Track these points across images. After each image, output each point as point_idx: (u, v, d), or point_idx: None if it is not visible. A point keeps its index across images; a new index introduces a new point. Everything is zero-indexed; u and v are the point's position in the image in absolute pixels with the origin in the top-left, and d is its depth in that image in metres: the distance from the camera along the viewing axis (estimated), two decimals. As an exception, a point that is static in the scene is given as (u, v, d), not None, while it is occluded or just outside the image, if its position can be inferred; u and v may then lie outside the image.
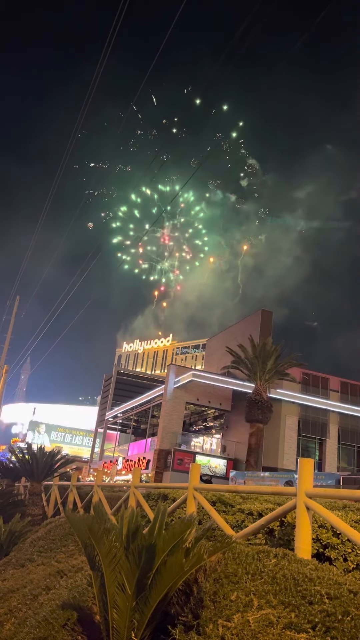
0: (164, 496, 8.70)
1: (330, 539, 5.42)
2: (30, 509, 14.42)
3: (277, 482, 22.13)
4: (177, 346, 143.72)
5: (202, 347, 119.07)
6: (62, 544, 8.51)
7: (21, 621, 4.83)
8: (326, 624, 2.97)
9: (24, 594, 5.78)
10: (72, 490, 13.88)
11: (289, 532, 5.83)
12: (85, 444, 75.87)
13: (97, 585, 3.96)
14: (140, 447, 37.89)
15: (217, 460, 32.79)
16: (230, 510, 7.17)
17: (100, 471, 14.43)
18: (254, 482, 22.83)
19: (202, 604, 3.54)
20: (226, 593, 3.49)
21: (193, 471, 7.34)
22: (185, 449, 32.83)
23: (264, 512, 6.40)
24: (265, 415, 29.14)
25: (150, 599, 3.63)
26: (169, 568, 3.60)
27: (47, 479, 15.78)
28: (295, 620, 3.03)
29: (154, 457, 32.23)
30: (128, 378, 48.87)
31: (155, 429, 36.49)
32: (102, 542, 3.81)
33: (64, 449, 45.73)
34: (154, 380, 48.24)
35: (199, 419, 40.03)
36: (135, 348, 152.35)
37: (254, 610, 3.19)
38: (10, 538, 10.62)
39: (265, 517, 5.68)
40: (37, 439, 71.63)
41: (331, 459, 33.30)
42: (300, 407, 33.41)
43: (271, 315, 37.39)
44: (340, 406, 34.30)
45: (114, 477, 35.18)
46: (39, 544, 9.04)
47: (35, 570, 7.00)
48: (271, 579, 3.54)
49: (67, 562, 6.85)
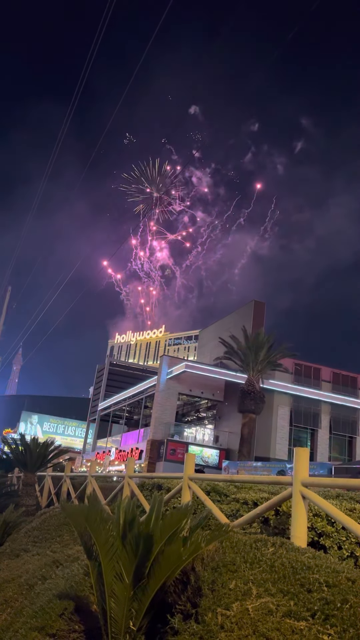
0: (159, 486, 8.70)
1: (325, 527, 5.44)
2: (24, 500, 14.40)
3: (269, 471, 22.30)
4: (170, 337, 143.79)
5: (194, 339, 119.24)
6: (57, 534, 8.51)
7: (17, 611, 4.82)
8: (325, 611, 2.97)
9: (20, 583, 5.76)
10: (66, 480, 13.87)
11: (284, 521, 5.86)
12: (77, 434, 75.84)
13: (94, 574, 3.94)
14: (133, 437, 37.97)
15: (210, 451, 32.95)
16: (225, 500, 7.18)
17: (94, 462, 14.43)
18: (246, 471, 22.96)
19: (201, 592, 3.54)
20: (224, 582, 3.49)
21: (188, 461, 7.34)
22: (178, 440, 32.95)
23: (259, 501, 6.41)
24: (257, 406, 29.28)
25: (148, 588, 3.62)
26: (166, 557, 3.59)
27: (41, 470, 15.76)
28: (294, 608, 3.03)
29: (147, 448, 32.32)
30: (121, 369, 48.85)
31: (148, 419, 36.56)
32: (99, 531, 3.79)
33: (56, 440, 45.73)
34: (146, 371, 48.25)
35: (192, 409, 40.14)
36: (128, 339, 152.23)
37: (253, 598, 3.19)
38: (5, 529, 10.59)
39: (262, 506, 5.69)
40: (29, 430, 71.52)
41: (323, 448, 33.57)
42: (292, 397, 33.59)
43: (264, 306, 37.43)
44: (332, 396, 34.53)
45: (107, 468, 35.25)
46: (33, 534, 9.03)
47: (31, 560, 6.98)
48: (269, 568, 3.54)
49: (63, 552, 6.84)
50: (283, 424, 32.90)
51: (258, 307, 36.75)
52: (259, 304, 37.11)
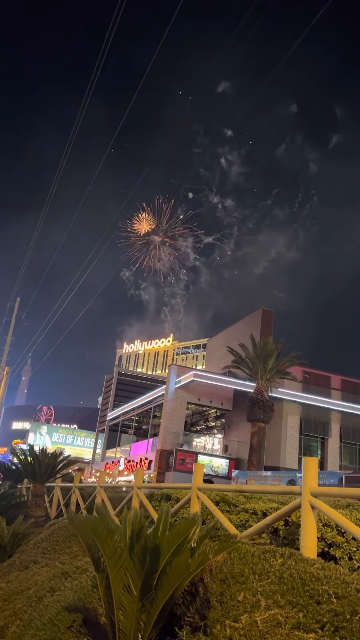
0: (167, 496, 8.67)
1: (335, 538, 5.39)
2: (33, 511, 14.39)
3: (280, 481, 22.09)
4: (178, 346, 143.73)
5: (202, 347, 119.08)
6: (65, 546, 8.48)
7: (26, 623, 4.81)
8: (334, 623, 2.94)
9: (29, 595, 5.75)
10: (75, 491, 13.84)
11: (294, 531, 5.80)
12: (87, 445, 75.80)
13: (102, 586, 3.93)
14: (142, 447, 37.86)
15: (219, 460, 32.75)
16: (234, 510, 7.14)
17: (103, 472, 14.40)
18: (256, 481, 22.79)
19: (209, 604, 3.52)
20: (233, 593, 3.46)
21: (196, 471, 7.31)
22: (187, 449, 32.80)
23: (268, 511, 6.37)
24: (266, 415, 29.10)
25: (156, 600, 3.60)
26: (174, 568, 3.57)
27: (50, 481, 15.75)
28: (303, 620, 3.01)
29: (156, 458, 32.19)
30: (129, 379, 48.84)
31: (157, 429, 36.46)
32: (107, 543, 3.78)
33: (65, 450, 45.69)
34: (155, 381, 48.21)
35: (201, 418, 39.98)
36: (136, 349, 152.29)
37: (261, 610, 3.17)
38: (14, 540, 10.59)
39: (270, 517, 5.65)
40: (38, 440, 71.57)
41: (333, 457, 33.25)
42: (301, 406, 33.35)
43: (272, 314, 37.34)
44: (342, 404, 34.25)
45: (116, 478, 35.14)
46: (42, 546, 9.01)
47: (40, 572, 6.97)
48: (278, 579, 3.51)
49: (72, 563, 6.82)
50: (293, 432, 32.66)
51: (266, 315, 36.67)
52: (266, 312, 37.02)
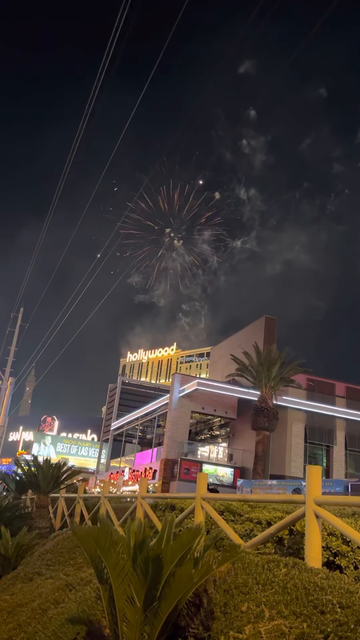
0: (172, 506, 8.64)
1: (340, 547, 5.36)
2: (38, 522, 14.33)
3: (285, 489, 21.97)
4: (182, 355, 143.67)
5: (206, 356, 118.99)
6: (70, 557, 8.45)
7: (30, 636, 4.79)
8: (339, 633, 2.93)
9: (33, 608, 5.72)
10: (79, 502, 13.80)
11: (299, 540, 5.77)
12: (91, 455, 75.60)
13: (105, 598, 3.92)
14: (147, 457, 37.74)
15: (224, 469, 32.60)
16: (239, 520, 7.10)
17: (107, 482, 14.35)
18: (261, 490, 22.67)
19: (213, 615, 3.50)
20: (237, 604, 3.45)
21: (200, 480, 7.29)
22: (192, 458, 32.67)
23: (273, 520, 6.33)
24: (271, 423, 29.00)
25: (160, 611, 3.58)
26: (177, 579, 3.56)
27: (54, 491, 15.70)
28: (307, 630, 2.99)
29: (161, 467, 32.07)
30: (133, 388, 48.80)
31: (161, 438, 36.36)
32: (109, 554, 3.78)
33: (70, 461, 45.59)
34: (159, 390, 48.15)
35: (205, 427, 39.86)
36: (140, 358, 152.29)
37: (265, 621, 3.15)
38: (18, 551, 10.54)
39: (275, 526, 5.62)
40: (42, 451, 71.41)
41: (339, 465, 33.05)
42: (306, 413, 33.23)
43: (275, 322, 37.29)
44: (347, 412, 34.09)
45: (120, 488, 34.99)
46: (47, 557, 8.97)
47: (44, 584, 6.94)
48: (282, 589, 3.50)
49: (76, 575, 6.79)
50: (298, 440, 32.50)
51: (269, 323, 36.61)
52: (269, 320, 36.97)
